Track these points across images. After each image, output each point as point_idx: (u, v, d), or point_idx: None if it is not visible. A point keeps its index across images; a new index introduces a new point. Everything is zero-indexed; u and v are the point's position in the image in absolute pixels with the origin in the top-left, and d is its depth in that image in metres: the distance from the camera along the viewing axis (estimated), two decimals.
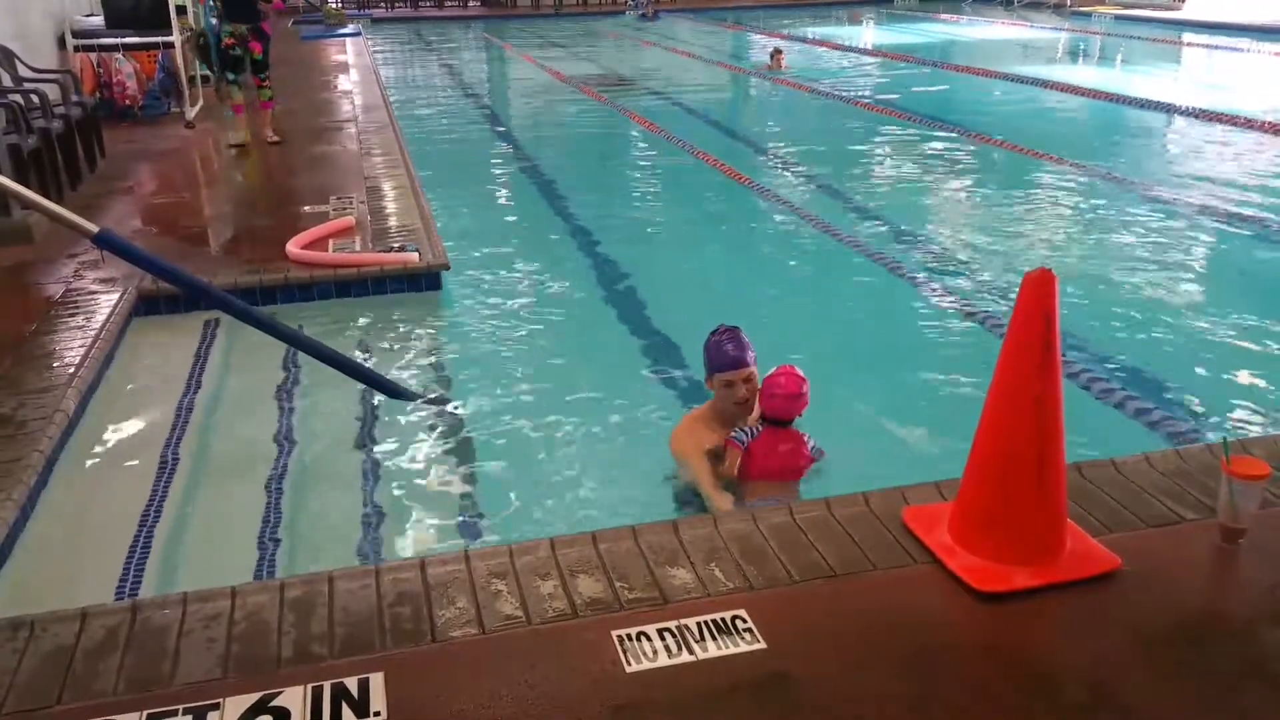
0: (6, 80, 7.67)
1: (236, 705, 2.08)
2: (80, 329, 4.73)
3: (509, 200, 8.58)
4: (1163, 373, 4.69)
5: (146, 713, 2.06)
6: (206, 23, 9.34)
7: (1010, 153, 9.52)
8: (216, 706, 2.08)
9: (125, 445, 4.04)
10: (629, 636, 2.27)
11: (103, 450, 3.99)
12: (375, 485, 3.81)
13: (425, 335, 5.24)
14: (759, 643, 2.25)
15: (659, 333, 5.27)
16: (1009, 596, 2.40)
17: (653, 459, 3.74)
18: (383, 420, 4.27)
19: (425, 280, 5.66)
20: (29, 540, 3.29)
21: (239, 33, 8.71)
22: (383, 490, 3.77)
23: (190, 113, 10.30)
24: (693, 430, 3.60)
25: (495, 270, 6.25)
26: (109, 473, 3.85)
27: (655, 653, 2.22)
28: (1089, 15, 23.45)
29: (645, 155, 10.33)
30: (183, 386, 4.53)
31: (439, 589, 2.46)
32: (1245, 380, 4.62)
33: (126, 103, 10.14)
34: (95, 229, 3.99)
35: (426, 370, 4.81)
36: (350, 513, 3.63)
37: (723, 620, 2.32)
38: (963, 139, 10.19)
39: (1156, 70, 16.33)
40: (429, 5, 27.62)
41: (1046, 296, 2.34)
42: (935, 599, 2.42)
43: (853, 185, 8.62)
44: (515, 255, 6.67)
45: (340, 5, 26.52)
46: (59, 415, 3.89)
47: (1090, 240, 6.80)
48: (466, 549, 2.87)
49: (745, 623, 2.31)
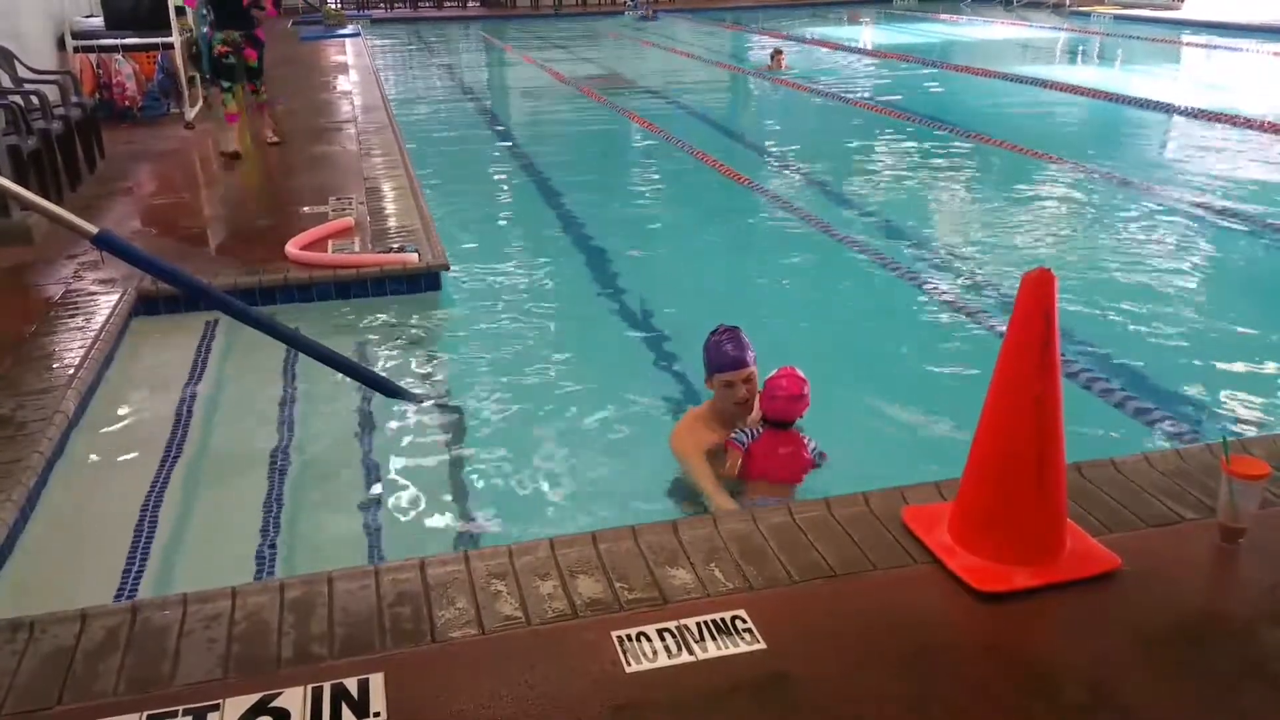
0: (6, 81, 7.66)
1: (236, 706, 2.08)
2: (80, 330, 4.73)
3: (508, 201, 8.58)
4: (1163, 373, 4.69)
5: (146, 713, 2.06)
6: (198, 29, 9.12)
7: (1009, 152, 9.52)
8: (216, 707, 2.08)
9: (125, 446, 4.04)
10: (629, 637, 2.27)
11: (102, 451, 3.99)
12: (375, 485, 3.81)
13: (424, 336, 5.24)
14: (759, 643, 2.25)
15: (658, 333, 5.27)
16: (1009, 596, 2.40)
17: (652, 459, 3.74)
18: (382, 421, 4.27)
19: (424, 281, 5.67)
20: (29, 541, 3.29)
21: (232, 40, 8.54)
22: (382, 490, 3.77)
23: (190, 114, 10.31)
24: (693, 430, 3.59)
25: (494, 271, 6.26)
26: (109, 473, 3.85)
27: (655, 653, 2.22)
28: (1088, 15, 23.46)
29: (645, 155, 10.33)
30: (182, 387, 4.53)
31: (439, 589, 2.46)
32: (1245, 380, 4.62)
33: (126, 104, 10.14)
34: (95, 230, 3.99)
35: (426, 370, 4.81)
36: (350, 513, 3.63)
37: (722, 620, 2.32)
38: (962, 139, 10.19)
39: (1156, 70, 16.34)
40: (428, 6, 27.63)
41: (1046, 296, 2.34)
42: (935, 599, 2.42)
43: (852, 185, 8.62)
44: (514, 255, 6.68)
45: (339, 6, 26.54)
46: (58, 416, 3.89)
47: (1089, 239, 6.80)
48: (466, 549, 2.88)
49: (745, 623, 2.31)
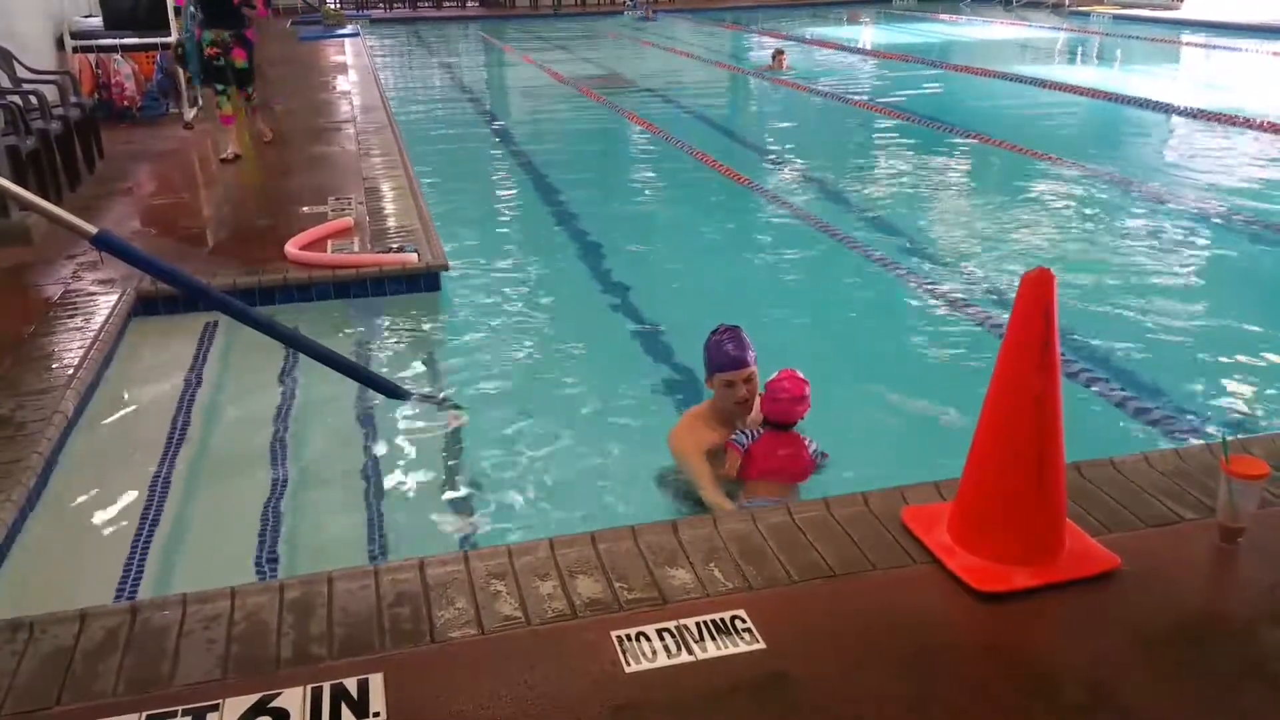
0: (5, 81, 7.66)
1: (236, 706, 2.08)
2: (79, 330, 4.73)
3: (508, 201, 8.58)
4: (1163, 373, 4.69)
5: (146, 714, 2.06)
6: (186, 29, 8.71)
7: (1009, 152, 9.52)
8: (216, 707, 2.07)
9: (124, 446, 4.04)
10: (628, 637, 2.27)
11: (102, 451, 3.99)
12: (374, 486, 3.81)
13: (424, 336, 5.24)
14: (758, 643, 2.25)
15: (658, 332, 5.27)
16: (1008, 596, 2.40)
17: (652, 458, 3.74)
18: (381, 421, 4.27)
19: (424, 281, 5.66)
20: (28, 541, 3.29)
21: (221, 39, 8.27)
22: (381, 490, 3.77)
23: (189, 114, 10.30)
24: (693, 429, 3.60)
25: (494, 271, 6.26)
26: (108, 474, 3.85)
27: (654, 653, 2.22)
28: (1087, 15, 23.46)
29: (644, 155, 10.33)
30: (181, 387, 4.53)
31: (438, 589, 2.46)
32: (1245, 380, 4.62)
33: (125, 104, 10.14)
34: (94, 230, 3.99)
35: (425, 371, 4.81)
36: (349, 513, 3.63)
37: (722, 620, 2.32)
38: (962, 139, 10.19)
39: (1155, 70, 16.34)
40: (427, 6, 27.62)
41: (1045, 296, 2.34)
42: (934, 599, 2.42)
43: (852, 185, 8.62)
44: (514, 255, 6.68)
45: (339, 6, 26.53)
46: (58, 416, 3.89)
47: (1089, 239, 6.80)
48: (466, 549, 2.88)
49: (744, 623, 2.31)
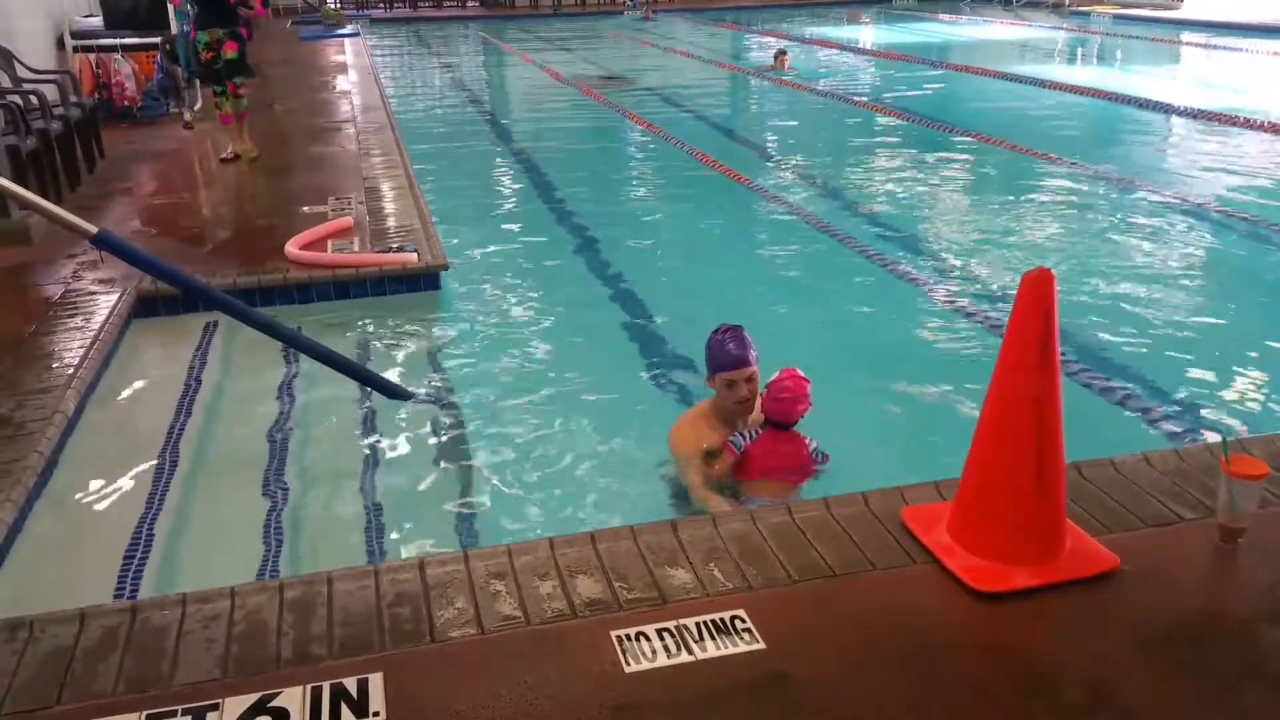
0: (5, 81, 7.66)
1: (236, 706, 2.08)
2: (79, 330, 4.73)
3: (507, 200, 8.57)
4: (1163, 372, 4.69)
5: (146, 713, 2.06)
6: (180, 27, 8.57)
7: (1009, 152, 9.52)
8: (216, 707, 2.08)
9: (124, 446, 4.04)
10: (628, 637, 2.27)
11: (102, 451, 3.99)
12: (374, 485, 3.81)
13: (424, 336, 5.24)
14: (758, 643, 2.25)
15: (659, 332, 5.27)
16: (1008, 596, 2.40)
17: (652, 458, 3.74)
18: (382, 421, 4.27)
19: (424, 280, 5.66)
20: (28, 541, 3.30)
21: (215, 39, 8.07)
22: (381, 490, 3.77)
23: (189, 114, 10.30)
24: (693, 428, 3.60)
25: (494, 270, 6.26)
26: (108, 473, 3.84)
27: (654, 653, 2.22)
28: (1087, 15, 23.46)
29: (644, 156, 10.33)
30: (182, 387, 4.53)
31: (438, 589, 2.46)
32: (1245, 380, 4.62)
33: (125, 103, 10.13)
34: (94, 230, 3.99)
35: (425, 370, 4.81)
36: (349, 513, 3.63)
37: (722, 620, 2.32)
38: (962, 139, 10.19)
39: (1155, 70, 16.34)
40: (427, 5, 27.61)
41: (1045, 295, 2.34)
42: (934, 599, 2.42)
43: (852, 185, 8.62)
44: (514, 255, 6.67)
45: (339, 6, 26.53)
46: (58, 416, 3.89)
47: (1089, 239, 6.80)
48: (465, 549, 2.87)
49: (744, 623, 2.31)
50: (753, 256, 6.70)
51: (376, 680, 2.14)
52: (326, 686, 2.13)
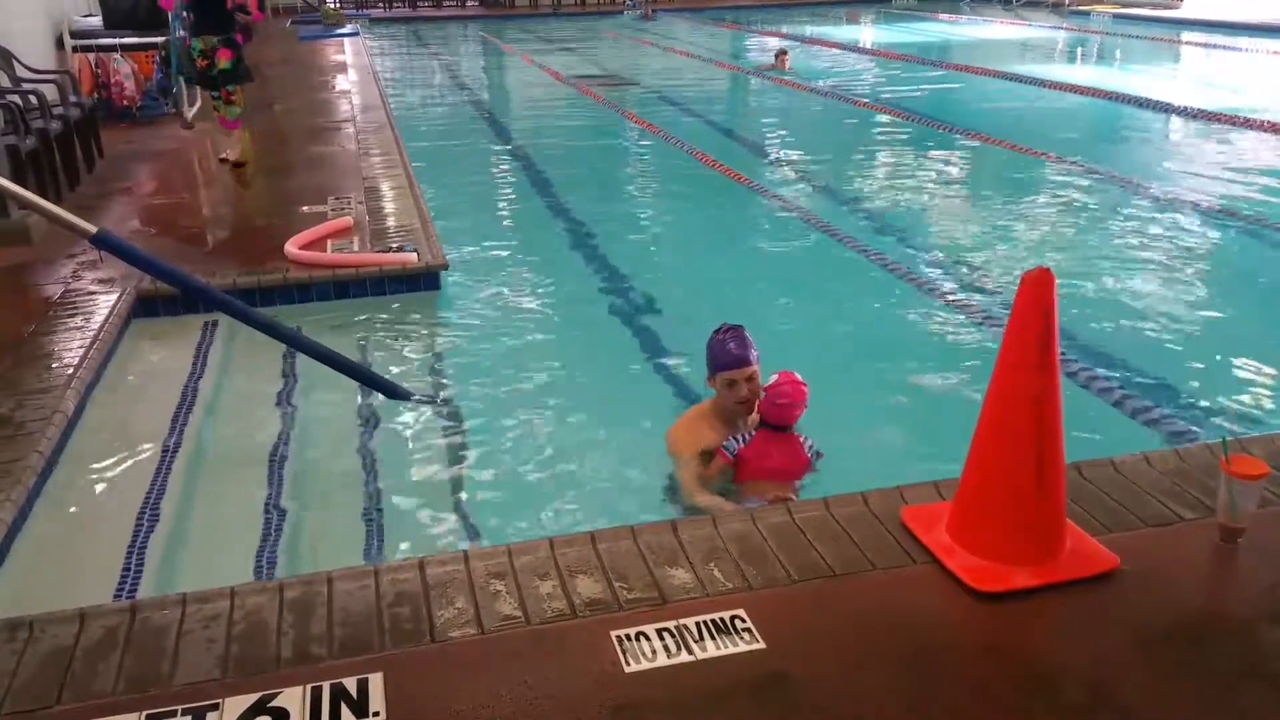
0: (5, 81, 7.66)
1: (235, 705, 2.08)
2: (79, 329, 4.73)
3: (507, 200, 8.57)
4: (1162, 372, 4.69)
5: (145, 713, 2.06)
6: (173, 32, 8.34)
7: (1009, 152, 9.52)
8: (215, 707, 2.08)
9: (124, 446, 4.04)
10: (628, 636, 2.27)
11: (102, 451, 3.98)
12: (374, 485, 3.81)
13: (424, 335, 5.24)
14: (758, 643, 2.25)
15: (659, 331, 5.27)
16: (1008, 596, 2.40)
17: (652, 458, 3.74)
18: (381, 420, 4.27)
19: (423, 280, 5.66)
20: (28, 540, 3.29)
21: (210, 46, 7.86)
22: (381, 490, 3.77)
23: (189, 113, 10.29)
24: (691, 428, 3.60)
25: (494, 270, 6.25)
26: (108, 473, 3.84)
27: (654, 653, 2.22)
28: (1087, 14, 23.46)
29: (645, 155, 10.33)
30: (181, 387, 4.52)
31: (438, 589, 2.46)
32: (1245, 380, 4.62)
33: (125, 103, 10.13)
34: (94, 229, 3.99)
35: (425, 370, 4.80)
36: (349, 513, 3.62)
37: (722, 620, 2.32)
38: (962, 138, 10.19)
39: (1155, 69, 16.34)
40: (427, 5, 27.61)
41: (1045, 295, 2.34)
42: (934, 599, 2.42)
43: (852, 185, 8.62)
44: (514, 255, 6.67)
45: (338, 5, 26.52)
46: (58, 416, 3.89)
47: (1089, 239, 6.80)
48: (465, 549, 2.87)
49: (744, 622, 2.31)
50: (753, 256, 6.70)
51: (376, 680, 2.14)
52: (326, 686, 2.13)
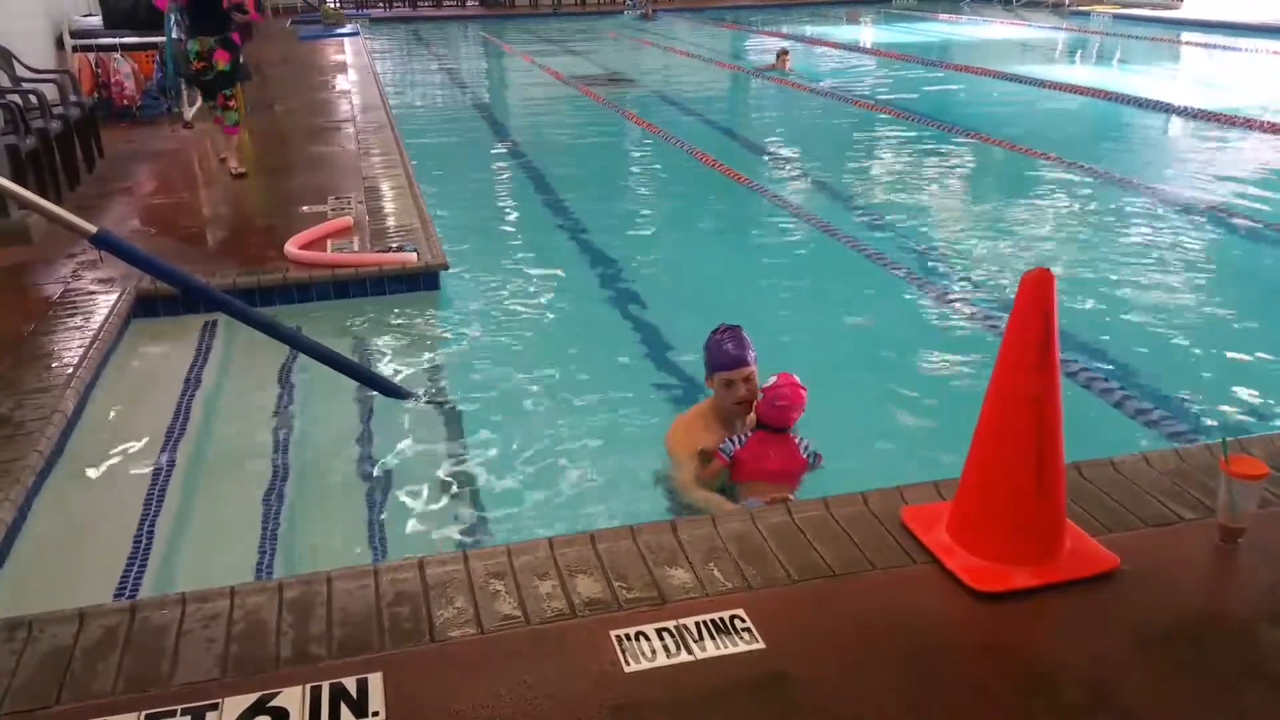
0: (5, 81, 7.66)
1: (235, 705, 2.08)
2: (79, 329, 4.73)
3: (507, 200, 8.57)
4: (1162, 373, 4.69)
5: (145, 713, 2.06)
6: (168, 33, 8.12)
7: (1009, 152, 9.52)
8: (215, 706, 2.08)
9: (124, 446, 4.04)
10: (628, 636, 2.27)
11: (101, 451, 3.98)
12: (373, 485, 3.81)
13: (423, 335, 5.24)
14: (758, 642, 2.25)
15: (658, 332, 5.27)
16: (1008, 596, 2.40)
17: (652, 458, 3.74)
18: (381, 420, 4.27)
19: (423, 280, 5.66)
20: (27, 540, 3.29)
21: (206, 47, 7.59)
22: (381, 490, 3.77)
23: (189, 113, 10.29)
24: (689, 428, 3.60)
25: (493, 270, 6.25)
26: (108, 473, 3.84)
27: (654, 652, 2.22)
28: (1087, 14, 23.47)
29: (644, 155, 10.33)
30: (181, 387, 4.52)
31: (437, 589, 2.46)
32: (1245, 380, 4.61)
33: (125, 103, 10.13)
34: (93, 229, 3.99)
35: (425, 370, 4.80)
36: (349, 512, 3.62)
37: (721, 620, 2.32)
38: (962, 138, 10.19)
39: (1155, 70, 16.34)
40: (427, 5, 27.60)
41: (1045, 296, 2.34)
42: (934, 599, 2.42)
43: (852, 185, 8.63)
44: (513, 255, 6.67)
45: (338, 5, 26.52)
46: (57, 416, 3.89)
47: (1089, 239, 6.80)
48: (465, 549, 2.88)
49: (744, 622, 2.31)
50: (753, 256, 6.70)
51: (376, 680, 2.14)
52: (326, 686, 2.13)
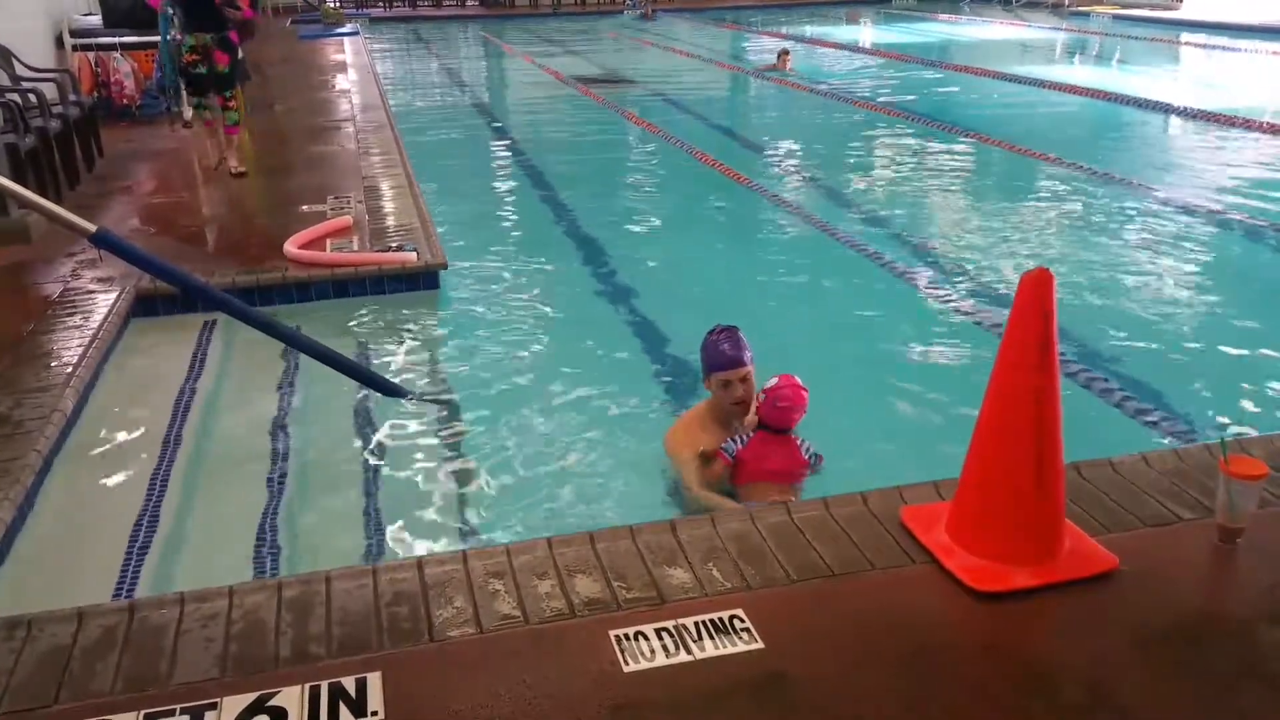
0: (4, 79, 7.66)
1: (234, 705, 2.08)
2: (78, 328, 4.73)
3: (507, 200, 8.57)
4: (1162, 372, 4.69)
5: (144, 712, 2.06)
6: (163, 33, 7.97)
7: (1008, 153, 9.52)
8: (214, 706, 2.07)
9: (123, 445, 4.04)
10: (627, 636, 2.27)
11: (101, 450, 3.99)
12: (373, 485, 3.80)
13: (423, 335, 5.23)
14: (757, 642, 2.25)
15: (658, 331, 5.27)
16: (1007, 596, 2.40)
17: (650, 458, 3.74)
18: (380, 420, 4.27)
19: (423, 280, 5.66)
20: (26, 540, 3.29)
21: (203, 44, 7.48)
22: (380, 489, 3.76)
23: (188, 113, 10.26)
24: (688, 430, 3.60)
25: (493, 270, 6.25)
26: (107, 472, 3.84)
27: (653, 652, 2.22)
28: (1087, 15, 23.47)
29: (644, 155, 10.32)
30: (180, 386, 4.52)
31: (437, 589, 2.46)
32: (1244, 380, 4.61)
33: (124, 102, 10.13)
34: (93, 228, 3.99)
35: (424, 369, 4.80)
36: (348, 512, 3.62)
37: (720, 620, 2.32)
38: (962, 139, 10.19)
39: (1154, 70, 16.34)
40: (427, 5, 27.60)
41: (1044, 296, 2.34)
42: (933, 599, 2.42)
43: (851, 185, 8.62)
44: (513, 254, 6.67)
45: (338, 4, 26.51)
46: (57, 415, 3.89)
47: (1088, 239, 6.80)
48: (464, 549, 2.87)
49: (743, 622, 2.31)
50: (753, 255, 6.70)
51: (375, 679, 2.14)
52: (325, 686, 2.13)
